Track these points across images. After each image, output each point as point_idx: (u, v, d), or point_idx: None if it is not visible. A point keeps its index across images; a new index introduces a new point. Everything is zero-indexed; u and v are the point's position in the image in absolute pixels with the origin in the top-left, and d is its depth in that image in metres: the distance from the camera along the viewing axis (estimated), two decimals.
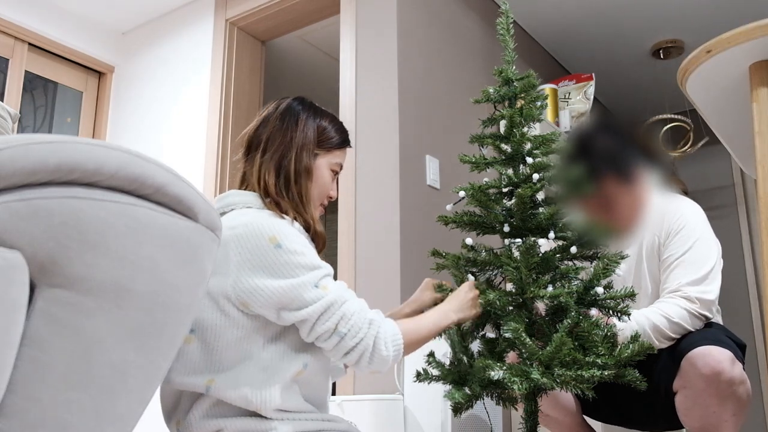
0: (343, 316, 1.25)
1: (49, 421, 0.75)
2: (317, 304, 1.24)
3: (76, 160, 0.77)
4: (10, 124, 1.29)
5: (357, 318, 1.26)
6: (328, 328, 1.24)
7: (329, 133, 1.46)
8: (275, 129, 1.42)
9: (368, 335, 1.26)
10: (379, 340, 1.27)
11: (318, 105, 1.50)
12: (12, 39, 3.33)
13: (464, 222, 1.60)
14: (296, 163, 1.39)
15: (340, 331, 1.25)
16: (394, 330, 1.31)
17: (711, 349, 1.59)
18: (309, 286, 1.24)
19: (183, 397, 1.29)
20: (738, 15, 3.57)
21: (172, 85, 3.50)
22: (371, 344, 1.26)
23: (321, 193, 1.45)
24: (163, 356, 0.89)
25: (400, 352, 1.31)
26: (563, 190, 1.58)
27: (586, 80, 3.60)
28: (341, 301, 1.26)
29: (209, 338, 1.26)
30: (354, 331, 1.25)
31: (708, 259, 1.75)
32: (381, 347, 1.27)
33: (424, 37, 2.93)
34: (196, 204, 0.91)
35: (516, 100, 1.62)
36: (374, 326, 1.28)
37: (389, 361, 1.29)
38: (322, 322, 1.24)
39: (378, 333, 1.28)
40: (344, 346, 1.26)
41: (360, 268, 2.58)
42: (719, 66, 1.38)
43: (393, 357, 1.30)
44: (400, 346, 1.31)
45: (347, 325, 1.25)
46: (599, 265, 1.51)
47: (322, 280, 1.27)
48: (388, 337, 1.29)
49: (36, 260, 0.74)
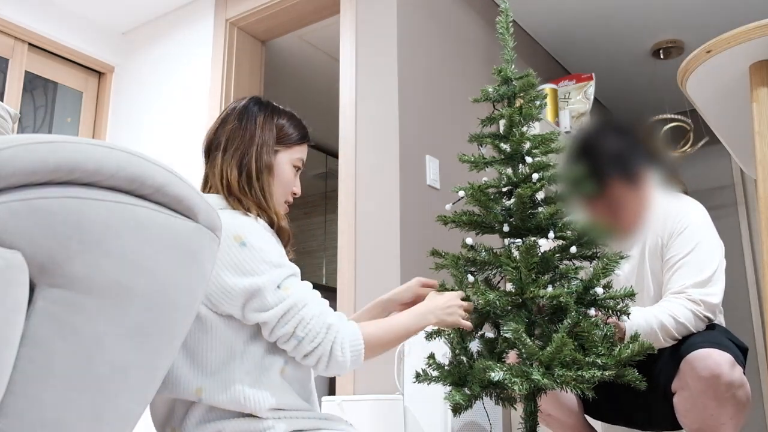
0: (301, 320, 1.25)
1: (49, 421, 0.75)
2: (277, 308, 1.24)
3: (76, 160, 0.77)
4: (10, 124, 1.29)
5: (315, 322, 1.26)
6: (286, 331, 1.24)
7: (288, 130, 1.46)
8: (234, 128, 1.43)
9: (325, 340, 1.26)
10: (336, 345, 1.27)
11: (276, 104, 1.51)
12: (12, 39, 3.33)
13: (463, 222, 1.59)
14: (257, 160, 1.40)
15: (298, 335, 1.25)
16: (354, 334, 1.30)
17: (711, 351, 1.59)
18: (272, 286, 1.25)
19: (176, 405, 1.28)
20: (738, 15, 3.57)
21: (172, 85, 3.50)
22: (328, 350, 1.26)
23: (284, 189, 1.46)
24: (163, 356, 0.89)
25: (359, 356, 1.30)
26: (566, 190, 1.57)
27: (586, 80, 3.60)
28: (301, 305, 1.26)
29: (190, 343, 1.26)
30: (311, 336, 1.25)
31: (711, 261, 1.74)
32: (337, 353, 1.27)
33: (424, 37, 2.93)
34: (196, 204, 0.91)
35: (515, 99, 1.62)
36: (332, 331, 1.27)
37: (346, 365, 1.28)
38: (281, 325, 1.24)
39: (335, 338, 1.27)
40: (302, 349, 1.26)
41: (360, 268, 2.58)
42: (719, 66, 1.38)
43: (351, 361, 1.29)
44: (359, 350, 1.30)
45: (305, 330, 1.25)
46: (599, 264, 1.51)
47: (286, 281, 1.27)
48: (346, 342, 1.28)
49: (36, 260, 0.74)
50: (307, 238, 4.94)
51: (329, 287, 4.73)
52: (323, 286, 4.83)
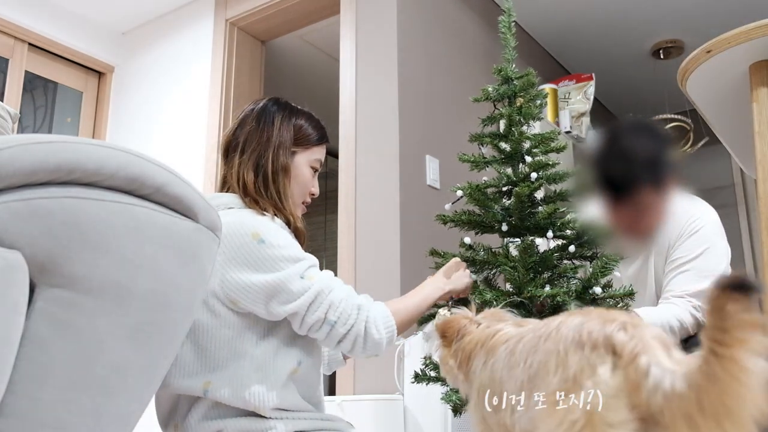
0: (331, 304, 1.25)
1: (49, 421, 0.75)
2: (305, 295, 1.24)
3: (76, 160, 0.77)
4: (10, 124, 1.29)
5: (345, 305, 1.26)
6: (318, 318, 1.25)
7: (306, 131, 1.46)
8: (252, 129, 1.43)
9: (358, 321, 1.26)
10: (370, 324, 1.27)
11: (294, 104, 1.51)
12: (12, 39, 3.33)
13: (463, 221, 1.60)
14: (274, 161, 1.40)
15: (330, 320, 1.25)
16: (384, 312, 1.31)
17: None
18: (295, 277, 1.25)
19: (180, 401, 1.29)
20: (738, 15, 3.57)
21: (171, 85, 3.50)
22: (362, 329, 1.26)
23: (302, 190, 1.46)
24: (163, 356, 0.89)
25: (393, 333, 1.31)
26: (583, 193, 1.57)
27: (586, 80, 3.60)
28: (328, 290, 1.26)
29: (201, 339, 1.26)
30: (344, 318, 1.26)
31: (717, 270, 1.73)
32: (372, 331, 1.27)
33: (424, 37, 2.93)
34: (196, 204, 0.91)
35: (515, 98, 1.62)
36: (363, 311, 1.28)
37: (383, 344, 1.29)
38: (311, 312, 1.25)
39: (368, 317, 1.27)
40: (336, 334, 1.26)
41: (360, 267, 2.58)
42: (719, 66, 1.38)
43: (387, 339, 1.30)
44: (392, 327, 1.31)
45: (336, 313, 1.25)
46: (598, 264, 1.51)
47: (308, 271, 1.28)
48: (379, 321, 1.29)
49: (36, 260, 0.74)
50: (307, 238, 4.94)
51: None
52: None
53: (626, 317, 0.84)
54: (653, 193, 1.77)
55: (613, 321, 0.83)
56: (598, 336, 0.81)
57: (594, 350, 0.80)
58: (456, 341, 1.08)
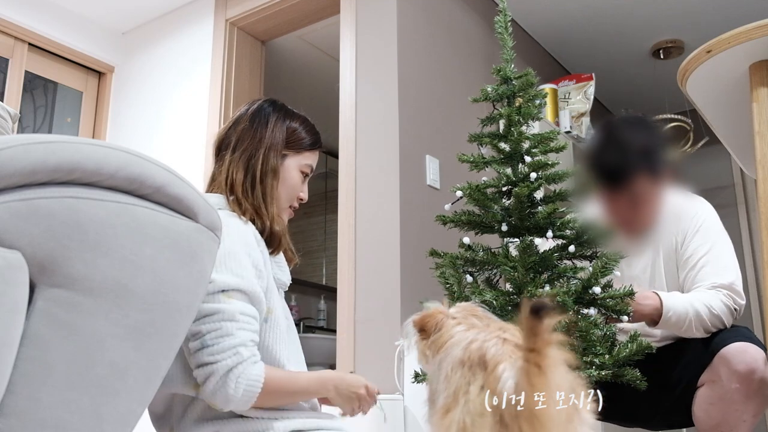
0: (218, 329, 1.18)
1: (49, 421, 0.75)
2: (208, 305, 1.19)
3: (76, 160, 0.77)
4: (10, 124, 1.29)
5: (228, 341, 1.17)
6: (199, 330, 1.18)
7: (299, 134, 1.46)
8: (245, 129, 1.42)
9: (223, 364, 1.16)
10: (232, 374, 1.16)
11: (290, 108, 1.50)
12: (12, 39, 3.33)
13: (462, 221, 1.60)
14: (263, 163, 1.39)
15: (205, 341, 1.17)
16: (255, 374, 1.19)
17: (747, 346, 1.59)
18: (217, 287, 1.20)
19: (175, 402, 1.28)
20: (738, 15, 3.57)
21: (171, 85, 3.50)
22: (222, 373, 1.16)
23: (289, 194, 1.44)
24: (163, 356, 0.89)
25: (251, 398, 1.19)
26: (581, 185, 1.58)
27: (586, 80, 3.60)
28: (227, 317, 1.19)
29: None
30: (215, 350, 1.16)
31: (733, 262, 1.76)
32: (231, 384, 1.16)
33: (424, 37, 2.93)
34: (196, 204, 0.91)
35: (514, 98, 1.62)
36: (237, 358, 1.17)
37: (233, 402, 1.18)
38: (199, 323, 1.18)
39: (236, 367, 1.17)
40: (200, 357, 1.17)
41: (360, 267, 2.58)
42: (719, 66, 1.38)
43: (240, 400, 1.18)
44: (254, 393, 1.19)
45: (214, 340, 1.17)
46: (597, 264, 1.51)
47: (233, 291, 1.22)
48: (242, 378, 1.17)
49: (36, 260, 0.74)
50: (307, 238, 4.94)
51: (329, 287, 4.73)
52: (323, 286, 4.84)
53: (512, 332, 0.91)
54: (648, 184, 1.78)
55: (497, 337, 0.90)
56: (476, 354, 0.89)
57: (470, 368, 0.88)
58: (433, 334, 1.12)
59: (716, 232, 1.79)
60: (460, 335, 0.99)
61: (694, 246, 1.78)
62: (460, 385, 0.86)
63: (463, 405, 0.84)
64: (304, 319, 4.48)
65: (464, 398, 0.84)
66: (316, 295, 4.78)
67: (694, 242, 1.78)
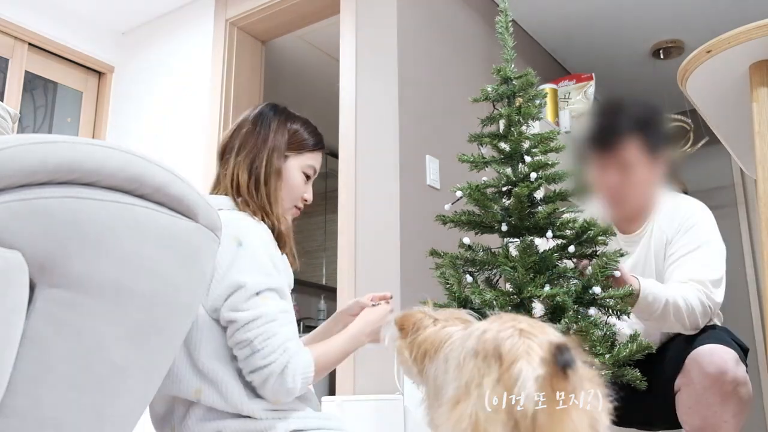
0: (264, 332, 1.23)
1: (49, 421, 0.75)
2: (248, 312, 1.23)
3: (76, 160, 0.77)
4: (10, 124, 1.29)
5: (275, 340, 1.23)
6: (247, 337, 1.23)
7: (301, 135, 1.48)
8: (248, 132, 1.46)
9: (278, 362, 1.23)
10: (288, 370, 1.24)
11: (292, 111, 1.53)
12: (12, 39, 3.33)
13: (462, 221, 1.59)
14: (267, 164, 1.42)
15: (255, 346, 1.23)
16: (306, 361, 1.27)
17: (716, 347, 1.59)
18: (251, 290, 1.25)
19: (176, 403, 1.29)
20: (738, 15, 3.57)
21: (172, 85, 3.50)
22: (278, 371, 1.23)
23: (292, 195, 1.47)
24: (163, 356, 0.89)
25: (309, 382, 1.28)
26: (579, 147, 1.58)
27: (586, 80, 3.60)
28: (269, 318, 1.24)
29: (188, 342, 1.28)
30: (266, 352, 1.22)
31: (720, 263, 1.75)
32: (288, 378, 1.24)
33: (424, 37, 2.93)
34: (196, 204, 0.91)
35: (514, 98, 1.62)
36: (287, 354, 1.24)
37: (296, 393, 1.26)
38: (244, 330, 1.23)
39: (289, 363, 1.24)
40: (253, 362, 1.23)
41: (360, 267, 2.58)
42: (719, 66, 1.38)
43: (301, 388, 1.27)
44: (309, 378, 1.28)
45: (263, 343, 1.23)
46: (597, 264, 1.51)
47: (266, 292, 1.27)
48: (298, 370, 1.25)
49: (36, 260, 0.74)
50: (307, 238, 4.94)
51: (329, 287, 4.73)
52: (323, 286, 4.84)
53: (528, 323, 0.86)
54: (640, 153, 1.77)
55: (512, 327, 0.85)
56: (491, 344, 0.84)
57: (485, 359, 0.83)
58: (411, 334, 1.11)
59: (707, 233, 1.78)
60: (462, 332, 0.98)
61: (682, 242, 1.78)
62: (473, 376, 0.82)
63: (476, 398, 0.79)
64: (304, 319, 4.48)
65: (477, 391, 0.80)
66: (316, 295, 4.78)
67: (683, 239, 1.78)
